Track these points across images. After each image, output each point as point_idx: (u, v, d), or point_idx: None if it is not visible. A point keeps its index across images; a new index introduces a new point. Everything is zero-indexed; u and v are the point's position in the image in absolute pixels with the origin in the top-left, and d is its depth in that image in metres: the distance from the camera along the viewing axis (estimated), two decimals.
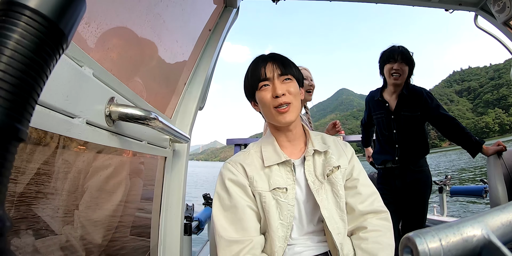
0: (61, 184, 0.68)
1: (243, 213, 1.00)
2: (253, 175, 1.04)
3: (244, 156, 1.10)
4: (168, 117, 1.25)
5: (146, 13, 0.91)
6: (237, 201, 1.01)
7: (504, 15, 1.82)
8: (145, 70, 1.01)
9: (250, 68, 1.09)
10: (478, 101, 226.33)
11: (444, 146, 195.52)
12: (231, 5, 1.69)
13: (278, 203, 1.01)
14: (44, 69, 0.26)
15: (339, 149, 1.15)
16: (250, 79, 1.07)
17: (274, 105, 1.02)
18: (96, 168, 0.81)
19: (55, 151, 0.65)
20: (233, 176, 1.04)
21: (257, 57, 1.11)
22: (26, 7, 0.24)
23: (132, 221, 1.08)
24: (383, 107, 2.17)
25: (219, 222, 1.01)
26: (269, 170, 1.05)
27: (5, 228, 0.23)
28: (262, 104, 1.05)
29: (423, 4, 2.12)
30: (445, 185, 3.38)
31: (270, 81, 1.04)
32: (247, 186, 1.03)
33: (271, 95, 1.02)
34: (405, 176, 2.07)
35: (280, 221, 1.00)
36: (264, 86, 1.04)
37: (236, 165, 1.07)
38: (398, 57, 2.00)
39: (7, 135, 0.23)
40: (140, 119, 0.69)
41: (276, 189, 1.02)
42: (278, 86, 1.02)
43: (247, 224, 0.99)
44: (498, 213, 0.34)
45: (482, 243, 0.32)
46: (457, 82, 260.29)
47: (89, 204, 0.78)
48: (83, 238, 0.77)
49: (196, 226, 2.22)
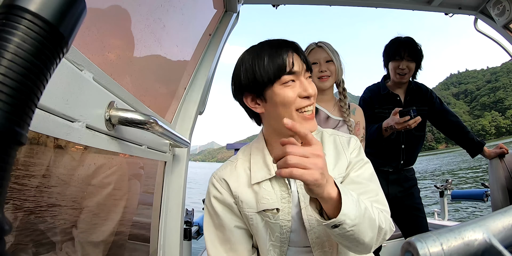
0: (60, 190, 0.68)
1: (231, 234, 0.92)
2: (238, 194, 0.90)
3: (231, 169, 0.96)
4: (168, 121, 1.25)
5: (147, 18, 0.91)
6: (224, 221, 0.92)
7: (504, 18, 1.83)
8: (145, 74, 1.01)
9: (264, 53, 0.83)
10: (475, 103, 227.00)
11: (441, 148, 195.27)
12: (231, 10, 1.70)
13: (267, 224, 0.89)
14: (44, 72, 0.26)
15: (339, 152, 0.95)
16: (266, 68, 0.81)
17: (299, 107, 0.82)
18: (96, 173, 0.81)
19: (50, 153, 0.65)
20: (218, 193, 0.93)
21: (271, 41, 0.86)
22: (26, 11, 0.24)
23: (132, 225, 1.08)
24: (393, 101, 1.95)
25: (209, 239, 0.94)
26: (257, 186, 0.90)
27: (4, 231, 0.23)
28: (280, 103, 0.82)
29: (423, 8, 2.13)
30: (446, 189, 3.36)
31: (296, 76, 0.82)
32: (233, 204, 0.92)
33: (297, 94, 0.81)
34: (399, 182, 1.94)
35: (272, 242, 0.90)
36: (290, 81, 0.82)
37: (221, 181, 0.94)
38: (405, 54, 1.82)
39: (7, 139, 0.23)
40: (140, 123, 0.69)
41: (265, 210, 0.88)
42: (307, 84, 0.82)
43: (236, 246, 0.92)
44: (499, 217, 0.34)
45: (483, 247, 0.32)
46: (454, 85, 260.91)
47: (88, 209, 0.78)
48: (85, 244, 0.76)
49: (196, 231, 2.21)
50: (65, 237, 0.70)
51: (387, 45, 1.95)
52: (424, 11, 2.18)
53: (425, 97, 1.98)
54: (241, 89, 0.88)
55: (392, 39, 1.93)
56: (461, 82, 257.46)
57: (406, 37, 1.90)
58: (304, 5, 2.19)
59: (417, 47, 1.85)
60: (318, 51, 1.53)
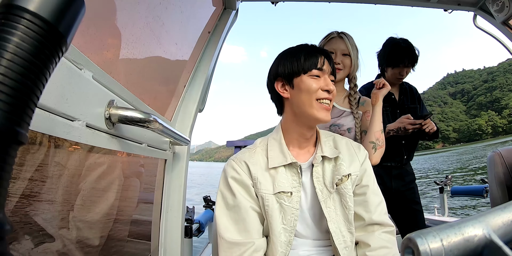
0: (57, 186, 0.68)
1: (246, 214, 0.96)
2: (258, 176, 0.98)
3: (250, 154, 1.04)
4: (168, 119, 1.25)
5: (146, 16, 0.91)
6: (240, 201, 0.97)
7: (503, 14, 1.82)
8: (145, 73, 1.01)
9: (303, 50, 1.02)
10: (472, 103, 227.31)
11: (438, 147, 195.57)
12: (230, 7, 1.69)
13: (281, 207, 0.96)
14: (43, 72, 0.26)
15: (352, 153, 1.07)
16: (302, 61, 0.99)
17: (319, 97, 0.98)
18: (94, 171, 0.81)
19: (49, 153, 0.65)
20: (236, 175, 0.99)
21: (309, 45, 1.05)
22: (26, 10, 0.24)
23: (133, 223, 1.08)
24: (389, 99, 2.01)
25: (222, 222, 0.97)
26: (274, 171, 0.99)
27: (5, 231, 0.23)
28: (305, 90, 0.98)
29: (422, 5, 2.12)
30: (446, 185, 3.37)
31: (322, 73, 1.00)
32: (251, 186, 0.98)
33: (320, 86, 0.98)
34: (402, 177, 1.99)
35: (283, 225, 0.96)
36: (316, 76, 0.99)
37: (241, 164, 1.01)
38: (407, 61, 1.87)
39: (7, 139, 0.23)
40: (140, 121, 0.69)
41: (280, 192, 0.96)
42: (329, 81, 1.00)
43: (250, 226, 0.96)
44: (499, 213, 0.34)
45: (483, 243, 0.32)
46: (451, 84, 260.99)
47: (87, 207, 0.78)
48: (82, 242, 0.77)
49: (197, 229, 2.22)
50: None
51: (386, 49, 1.95)
52: (423, 7, 2.16)
53: (415, 97, 2.09)
54: (276, 76, 1.05)
55: (392, 44, 1.94)
56: (458, 82, 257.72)
57: (404, 41, 1.91)
58: (303, 2, 2.18)
59: (416, 53, 1.89)
60: (337, 41, 1.45)
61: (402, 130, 1.78)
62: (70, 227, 0.71)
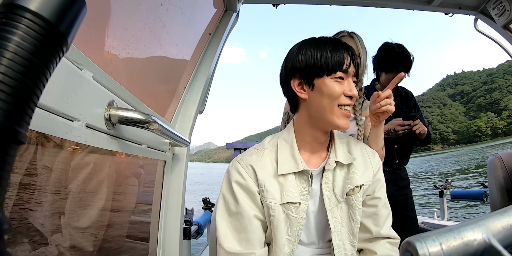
0: (54, 187, 0.68)
1: (249, 223, 0.89)
2: (265, 183, 0.90)
3: (257, 156, 0.94)
4: (168, 120, 1.25)
5: (147, 17, 0.91)
6: (243, 208, 0.89)
7: (504, 18, 1.83)
8: (145, 74, 1.01)
9: (327, 45, 0.89)
10: (471, 105, 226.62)
11: (437, 149, 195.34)
12: (231, 9, 1.70)
13: (288, 218, 0.90)
14: (44, 71, 0.26)
15: (366, 160, 0.99)
16: (328, 58, 0.87)
17: (341, 103, 0.88)
18: (92, 172, 0.81)
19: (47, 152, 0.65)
20: (241, 179, 0.91)
21: (331, 38, 0.93)
22: (27, 10, 0.24)
23: (132, 224, 1.08)
24: None
25: (222, 229, 0.91)
26: (283, 178, 0.91)
27: (4, 230, 0.23)
28: (327, 95, 0.88)
29: (423, 8, 2.12)
30: (446, 189, 3.36)
31: (347, 75, 0.90)
32: (256, 193, 0.91)
33: (343, 91, 0.88)
34: (395, 182, 1.97)
35: (288, 236, 0.90)
36: (340, 78, 0.88)
37: (247, 168, 0.92)
38: (400, 67, 1.85)
39: (7, 138, 0.23)
40: (140, 122, 0.69)
41: (288, 203, 0.89)
42: (353, 85, 0.90)
43: (252, 235, 0.89)
44: (498, 217, 0.34)
45: (483, 247, 0.32)
46: (450, 86, 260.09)
47: (84, 208, 0.78)
48: (81, 243, 0.76)
49: (196, 230, 2.21)
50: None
51: (381, 54, 1.95)
52: (424, 11, 2.17)
53: (410, 101, 2.08)
54: (293, 72, 0.92)
55: (386, 49, 1.93)
56: (457, 83, 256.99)
57: (399, 46, 1.90)
58: (304, 4, 2.19)
59: (410, 59, 1.88)
60: (347, 40, 1.35)
61: (392, 132, 1.77)
62: (68, 229, 0.71)
